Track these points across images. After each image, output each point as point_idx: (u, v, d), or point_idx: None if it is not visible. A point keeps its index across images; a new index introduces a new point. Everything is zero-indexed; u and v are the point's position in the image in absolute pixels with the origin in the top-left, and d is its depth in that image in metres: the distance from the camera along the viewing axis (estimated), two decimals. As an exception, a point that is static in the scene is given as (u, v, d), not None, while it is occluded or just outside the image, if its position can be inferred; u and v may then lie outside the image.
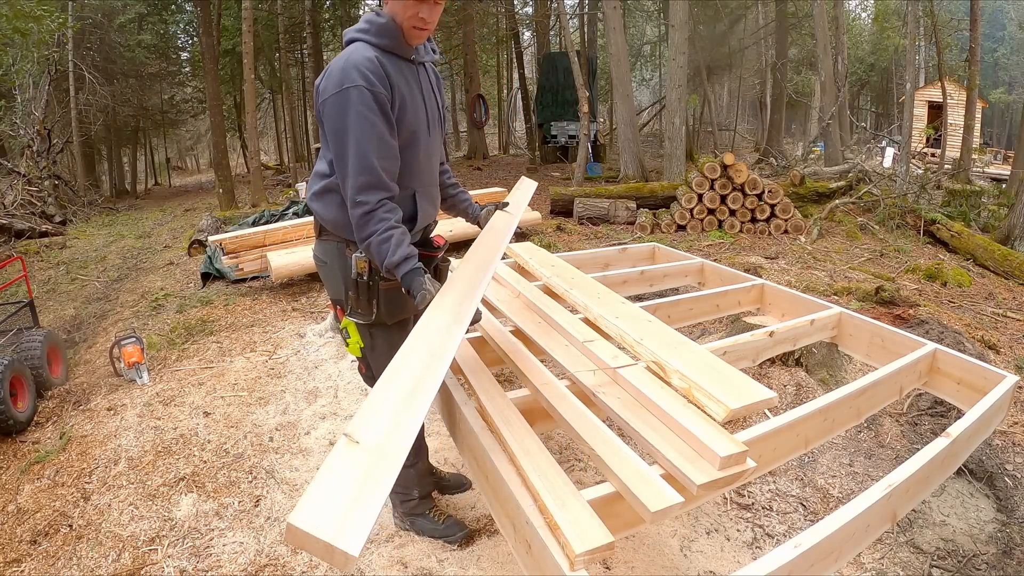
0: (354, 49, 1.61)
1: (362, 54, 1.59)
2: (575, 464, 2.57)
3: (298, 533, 0.93)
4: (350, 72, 1.55)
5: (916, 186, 8.84)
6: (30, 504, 2.48)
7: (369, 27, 1.65)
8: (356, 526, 0.94)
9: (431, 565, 2.00)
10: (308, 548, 0.94)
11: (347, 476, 1.02)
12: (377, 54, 1.61)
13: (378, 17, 1.65)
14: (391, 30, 1.64)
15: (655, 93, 26.12)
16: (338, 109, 1.56)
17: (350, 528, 0.93)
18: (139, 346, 3.64)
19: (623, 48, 10.44)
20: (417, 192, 1.78)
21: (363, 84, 1.54)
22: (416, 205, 1.78)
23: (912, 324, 3.68)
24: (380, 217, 1.58)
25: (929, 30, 15.09)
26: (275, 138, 25.66)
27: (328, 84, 1.58)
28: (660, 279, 3.19)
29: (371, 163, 1.57)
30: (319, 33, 14.21)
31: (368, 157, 1.56)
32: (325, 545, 0.91)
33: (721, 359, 1.72)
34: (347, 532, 0.93)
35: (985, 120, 23.68)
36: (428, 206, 1.85)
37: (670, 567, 2.01)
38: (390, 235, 1.58)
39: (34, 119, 12.40)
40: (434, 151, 1.84)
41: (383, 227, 1.57)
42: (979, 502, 2.48)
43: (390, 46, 1.65)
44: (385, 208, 1.59)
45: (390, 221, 1.59)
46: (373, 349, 1.84)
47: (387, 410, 1.18)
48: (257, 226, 5.91)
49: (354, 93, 1.54)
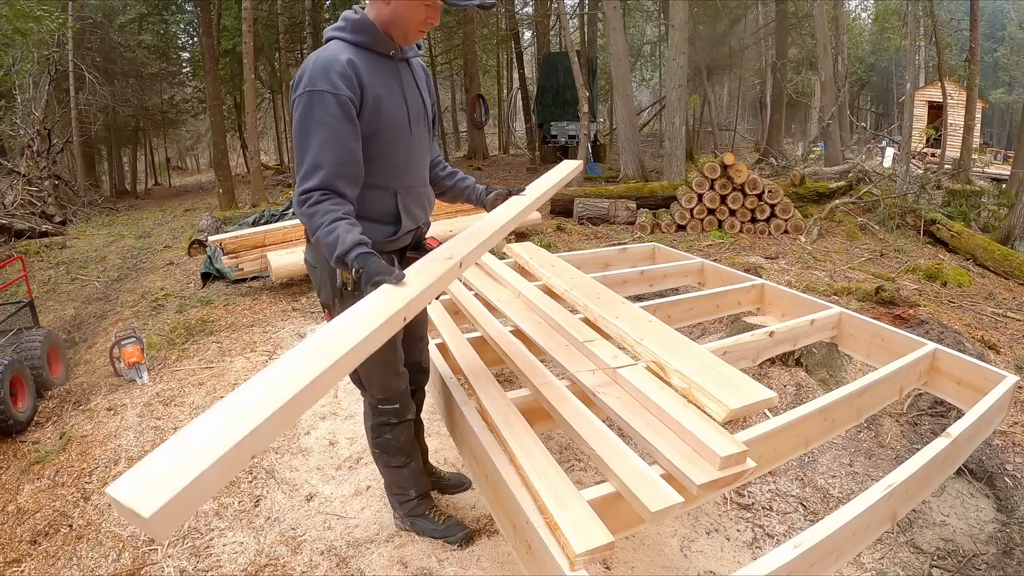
0: (326, 48, 1.59)
1: (333, 54, 1.56)
2: (575, 464, 2.57)
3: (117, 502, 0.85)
4: (316, 75, 1.53)
5: (916, 186, 8.85)
6: (30, 504, 2.48)
7: (345, 24, 1.62)
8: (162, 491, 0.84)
9: (431, 565, 2.00)
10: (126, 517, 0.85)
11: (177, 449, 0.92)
12: (351, 54, 1.58)
13: (354, 14, 1.63)
14: (367, 27, 1.61)
15: (655, 93, 26.11)
16: (302, 110, 1.54)
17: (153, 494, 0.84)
18: (139, 346, 3.64)
19: (623, 48, 10.45)
20: (399, 192, 1.73)
21: (326, 89, 1.51)
22: (398, 205, 1.73)
23: (912, 324, 3.68)
24: (326, 209, 1.49)
25: (929, 30, 15.08)
26: (275, 138, 25.62)
27: (297, 83, 1.57)
28: (660, 279, 3.20)
29: (320, 163, 1.52)
30: (319, 33, 14.18)
31: (318, 158, 1.52)
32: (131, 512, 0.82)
33: (721, 359, 1.72)
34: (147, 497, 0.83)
35: (985, 120, 23.68)
36: (414, 207, 1.79)
37: (670, 567, 2.01)
38: (335, 226, 1.47)
39: (34, 119, 12.40)
40: (419, 150, 1.78)
41: (328, 219, 1.48)
42: (979, 502, 2.48)
43: (367, 43, 1.62)
44: (331, 200, 1.51)
45: (337, 212, 1.49)
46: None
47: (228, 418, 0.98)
48: (257, 226, 5.91)
49: (316, 97, 1.52)
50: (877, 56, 24.98)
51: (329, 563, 2.05)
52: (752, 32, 18.75)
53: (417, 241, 1.87)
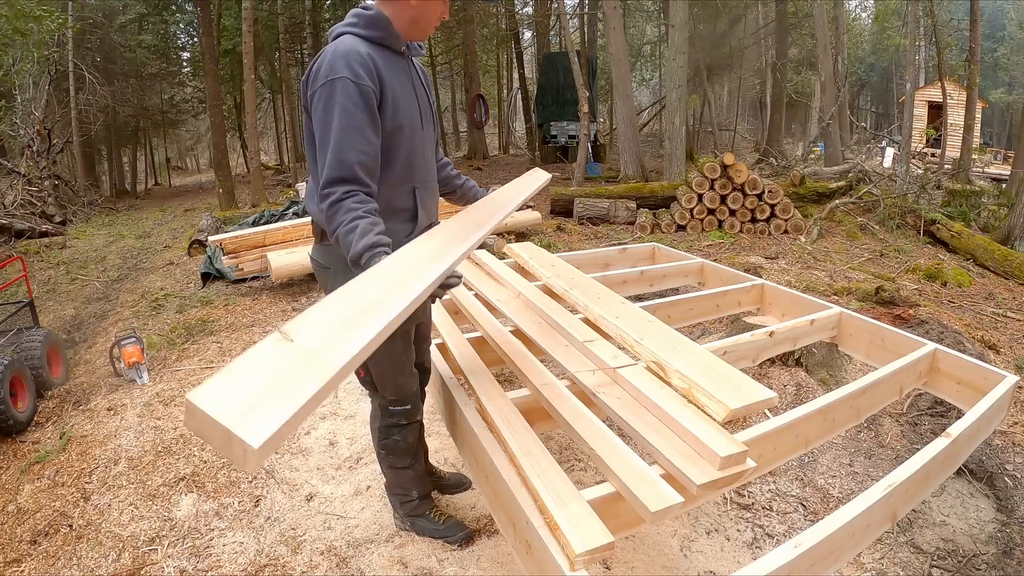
0: (342, 41, 1.57)
1: (351, 46, 1.54)
2: (575, 464, 2.57)
3: (197, 414, 0.80)
4: (337, 64, 1.51)
5: (916, 186, 8.84)
6: (30, 504, 2.48)
7: (358, 20, 1.61)
8: (263, 419, 0.80)
9: (431, 565, 2.00)
10: (206, 436, 0.81)
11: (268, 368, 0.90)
12: (367, 47, 1.57)
13: (366, 11, 1.62)
14: (381, 22, 1.60)
15: (655, 93, 26.11)
16: (324, 101, 1.51)
17: (256, 419, 0.80)
18: (139, 346, 3.64)
19: (623, 48, 10.45)
20: (417, 188, 1.74)
21: (348, 76, 1.50)
22: (416, 201, 1.74)
23: (912, 324, 3.68)
24: (348, 207, 1.47)
25: (929, 30, 15.09)
26: (275, 138, 25.65)
27: (315, 76, 1.54)
28: (660, 279, 3.19)
29: (345, 157, 1.50)
30: (319, 33, 14.20)
31: (345, 152, 1.49)
32: (224, 432, 0.78)
33: (721, 359, 1.72)
34: (251, 422, 0.79)
35: (985, 120, 23.68)
36: (430, 203, 1.81)
37: (670, 567, 2.01)
38: (355, 224, 1.45)
39: (34, 119, 12.39)
40: (429, 146, 1.80)
41: (349, 217, 1.46)
42: (979, 502, 2.48)
43: (380, 38, 1.61)
44: (355, 198, 1.49)
45: (358, 211, 1.47)
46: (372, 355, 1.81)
47: (332, 321, 1.06)
48: (257, 226, 5.91)
49: (339, 85, 1.49)
50: (877, 56, 24.97)
51: (329, 563, 2.05)
52: (752, 32, 18.74)
53: None
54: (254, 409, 0.81)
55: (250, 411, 0.80)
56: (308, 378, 0.89)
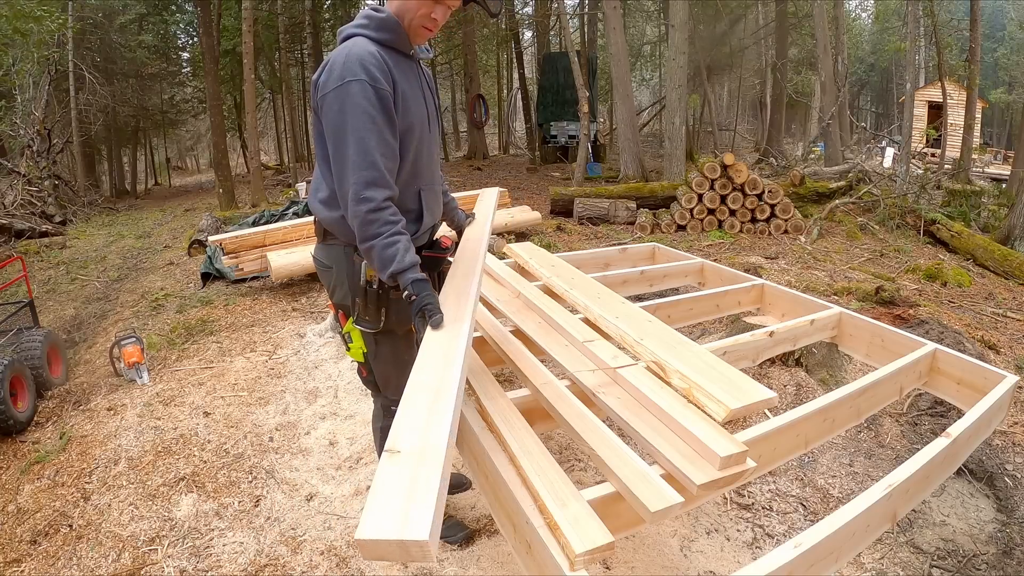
0: (354, 43, 1.55)
1: (364, 48, 1.53)
2: (575, 464, 2.57)
3: (369, 545, 0.93)
4: (352, 65, 1.49)
5: (916, 186, 8.84)
6: (30, 504, 2.48)
7: (368, 22, 1.60)
8: (418, 518, 0.95)
9: (431, 565, 2.00)
10: (386, 555, 0.94)
11: (395, 482, 1.05)
12: (378, 49, 1.56)
13: (377, 12, 1.60)
14: (392, 25, 1.59)
15: (655, 93, 26.11)
16: (339, 103, 1.49)
17: (412, 521, 0.94)
18: (139, 346, 3.64)
19: (623, 48, 10.45)
20: (422, 190, 1.73)
21: (365, 78, 1.48)
22: (422, 204, 1.73)
23: (912, 324, 3.68)
24: (386, 219, 1.49)
25: (929, 30, 15.09)
26: (275, 138, 25.66)
27: (328, 78, 1.52)
28: (660, 279, 3.19)
29: (375, 159, 1.49)
30: (319, 33, 14.22)
31: (371, 153, 1.48)
32: (398, 543, 0.92)
33: (721, 359, 1.72)
34: (411, 524, 0.93)
35: (985, 120, 23.69)
36: (434, 204, 1.80)
37: (670, 567, 2.01)
38: (396, 240, 1.48)
39: (34, 119, 12.39)
40: (435, 149, 1.80)
41: (389, 230, 1.48)
42: (979, 502, 2.48)
43: (391, 41, 1.60)
44: (391, 211, 1.50)
45: (396, 226, 1.50)
46: (376, 356, 1.79)
47: (417, 420, 1.21)
48: (257, 226, 5.91)
49: (356, 87, 1.48)
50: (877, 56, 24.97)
51: (329, 563, 2.05)
52: (752, 32, 18.75)
53: (432, 239, 1.88)
54: (407, 515, 0.96)
55: (405, 519, 0.95)
56: (428, 472, 1.06)
